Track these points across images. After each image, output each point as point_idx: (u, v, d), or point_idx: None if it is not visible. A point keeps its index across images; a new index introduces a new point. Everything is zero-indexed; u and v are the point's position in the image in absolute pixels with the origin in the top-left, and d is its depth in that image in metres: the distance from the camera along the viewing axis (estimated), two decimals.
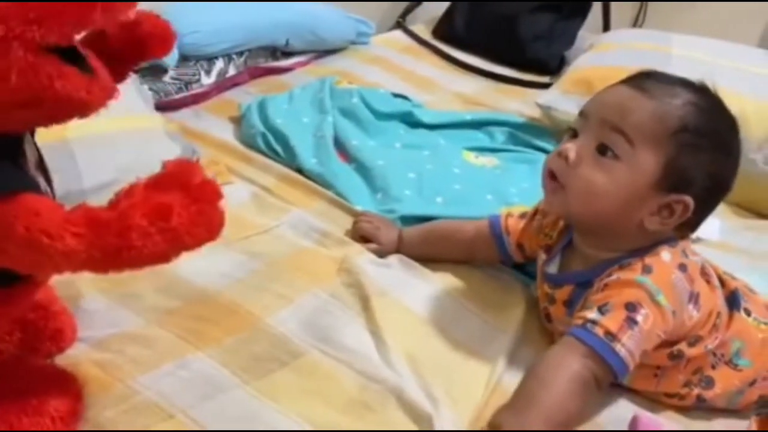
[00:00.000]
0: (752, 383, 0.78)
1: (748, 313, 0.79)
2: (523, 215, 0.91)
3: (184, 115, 1.21)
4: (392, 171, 1.11)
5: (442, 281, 0.90)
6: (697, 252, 0.81)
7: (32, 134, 0.62)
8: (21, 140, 0.58)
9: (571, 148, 0.76)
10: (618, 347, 0.69)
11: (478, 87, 1.56)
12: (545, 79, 1.62)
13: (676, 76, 0.82)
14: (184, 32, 1.20)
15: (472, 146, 1.26)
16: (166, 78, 1.22)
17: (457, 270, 0.93)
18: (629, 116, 0.74)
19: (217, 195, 0.54)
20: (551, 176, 0.77)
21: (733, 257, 1.02)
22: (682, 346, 0.75)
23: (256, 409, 0.68)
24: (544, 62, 1.70)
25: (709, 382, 0.77)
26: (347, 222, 1.00)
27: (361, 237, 0.96)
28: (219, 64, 1.31)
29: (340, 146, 1.17)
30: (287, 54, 1.47)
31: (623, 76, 1.36)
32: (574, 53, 1.61)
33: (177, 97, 1.23)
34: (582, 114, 0.79)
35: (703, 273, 0.79)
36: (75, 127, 0.89)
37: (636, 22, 2.17)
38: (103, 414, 0.65)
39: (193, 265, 0.84)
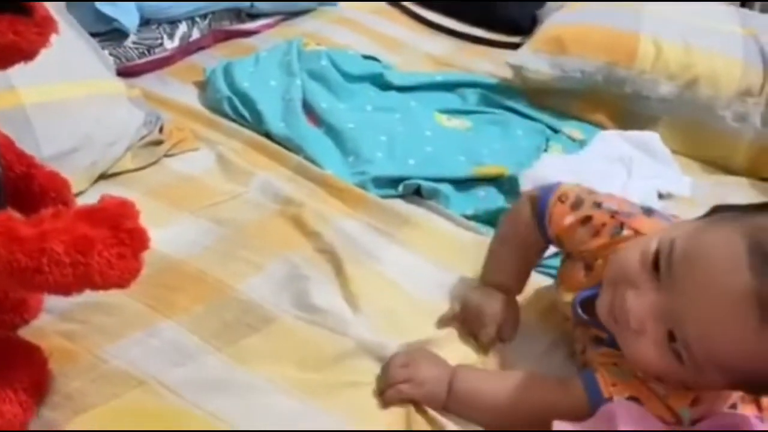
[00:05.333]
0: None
1: None
2: (575, 206, 0.73)
3: (148, 80, 1.17)
4: (363, 134, 1.10)
5: (416, 245, 0.90)
6: None
7: None
8: None
9: (638, 314, 0.59)
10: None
11: (448, 48, 1.54)
12: (517, 39, 1.60)
13: None
14: None
15: (443, 108, 1.25)
16: (128, 43, 1.18)
17: (432, 233, 0.92)
18: (713, 340, 0.56)
19: (144, 245, 0.53)
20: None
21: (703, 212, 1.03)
22: None
23: (227, 374, 0.68)
24: (515, 22, 1.68)
25: None
26: (316, 186, 0.98)
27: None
28: (182, 27, 1.27)
29: (309, 109, 1.15)
30: (253, 16, 1.43)
31: (595, 34, 1.34)
32: (546, 12, 1.60)
33: (139, 62, 1.19)
34: (666, 258, 0.59)
35: None
36: (32, 93, 0.88)
37: None
38: (71, 384, 0.64)
39: (160, 234, 0.81)
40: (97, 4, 1.11)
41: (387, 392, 0.66)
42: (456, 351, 0.74)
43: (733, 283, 0.54)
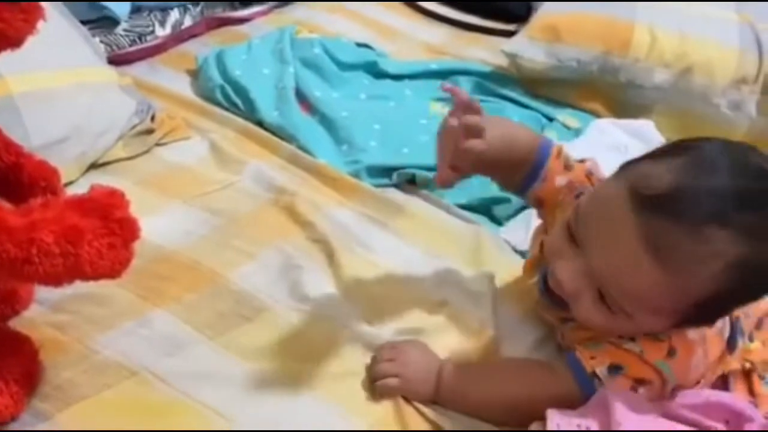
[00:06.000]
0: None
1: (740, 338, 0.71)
2: (568, 168, 0.73)
3: (139, 68, 1.16)
4: (357, 122, 1.09)
5: (410, 234, 0.89)
6: None
7: None
8: None
9: (566, 280, 0.63)
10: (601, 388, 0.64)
11: (443, 36, 1.53)
12: (512, 27, 1.59)
13: (708, 181, 0.57)
14: None
15: (438, 96, 1.24)
16: (119, 30, 1.17)
17: (426, 222, 0.92)
18: (626, 287, 0.59)
19: (134, 235, 0.53)
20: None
21: None
22: None
23: (220, 365, 0.67)
24: (510, 9, 1.67)
25: None
26: (310, 175, 0.97)
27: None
28: (174, 14, 1.26)
29: (303, 98, 1.14)
30: (245, 3, 1.42)
31: (589, 22, 1.33)
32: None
33: (131, 49, 1.18)
34: (576, 222, 0.63)
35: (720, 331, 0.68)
36: (20, 82, 0.87)
37: None
38: (62, 375, 0.64)
39: (152, 223, 0.81)
40: None
41: (376, 386, 0.66)
42: (447, 339, 0.74)
43: (621, 230, 0.58)
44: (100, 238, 0.51)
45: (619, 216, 0.59)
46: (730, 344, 0.70)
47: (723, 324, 0.69)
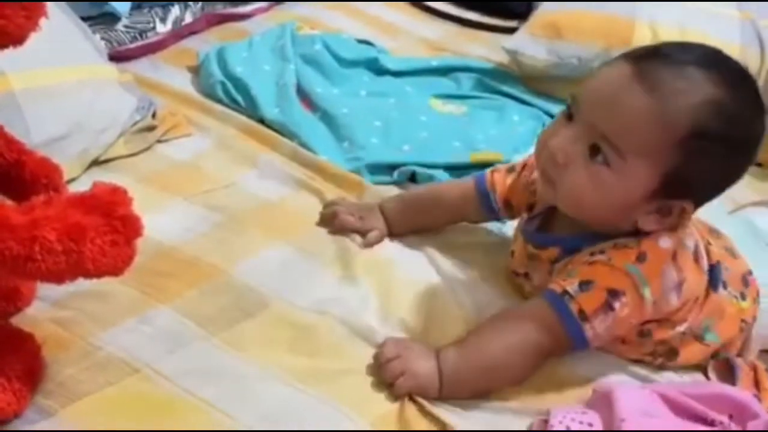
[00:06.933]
0: (714, 355, 0.75)
1: (724, 286, 0.74)
2: (511, 169, 0.84)
3: (140, 65, 1.16)
4: (357, 119, 1.09)
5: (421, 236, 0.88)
6: (695, 224, 0.73)
7: None
8: None
9: (559, 146, 0.66)
10: (587, 328, 0.67)
11: (443, 32, 1.53)
12: (512, 24, 1.59)
13: (696, 47, 0.67)
14: None
15: (439, 93, 1.23)
16: (119, 27, 1.17)
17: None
18: (619, 119, 0.63)
19: (137, 232, 0.53)
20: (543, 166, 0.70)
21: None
22: (652, 326, 0.71)
23: (222, 361, 0.67)
24: (511, 6, 1.67)
25: (674, 353, 0.73)
26: (311, 172, 0.97)
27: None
28: (175, 11, 1.26)
29: (304, 94, 1.14)
30: None
31: (590, 18, 1.33)
32: None
33: (131, 46, 1.18)
34: (574, 99, 0.68)
35: (696, 255, 0.71)
36: (21, 78, 0.87)
37: None
38: (65, 372, 0.64)
39: (154, 220, 0.81)
40: None
41: (393, 389, 0.66)
42: (450, 330, 0.73)
43: (618, 73, 0.65)
44: (102, 236, 0.51)
45: (615, 66, 0.66)
46: (712, 281, 0.72)
47: (696, 247, 0.71)
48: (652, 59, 0.65)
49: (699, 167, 0.64)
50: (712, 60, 0.65)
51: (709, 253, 0.74)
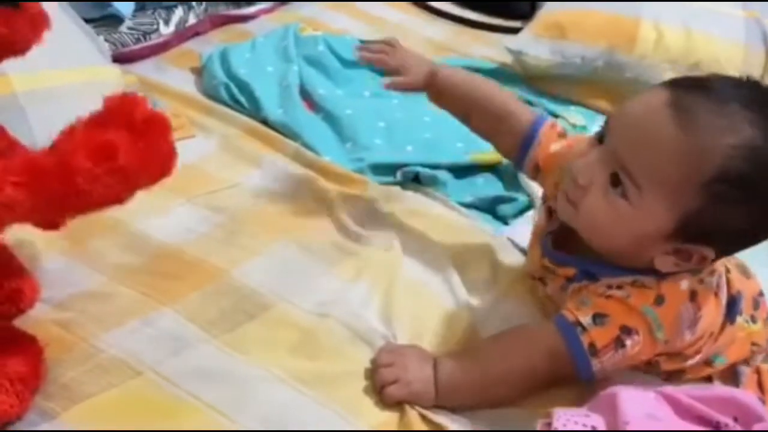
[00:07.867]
0: (721, 373, 0.73)
1: (740, 313, 0.71)
2: (562, 135, 0.77)
3: (143, 66, 1.16)
4: (361, 120, 1.09)
5: (414, 232, 0.89)
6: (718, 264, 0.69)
7: None
8: None
9: (583, 168, 0.64)
10: (595, 363, 0.65)
11: (447, 33, 1.53)
12: (516, 24, 1.59)
13: (749, 84, 0.63)
14: None
15: None
16: (123, 28, 1.17)
17: (430, 220, 0.92)
18: (643, 151, 0.60)
19: (165, 127, 0.51)
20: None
21: None
22: (661, 359, 0.70)
23: (224, 363, 0.67)
24: (514, 6, 1.67)
25: (682, 372, 0.72)
26: (315, 173, 0.97)
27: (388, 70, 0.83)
28: (178, 12, 1.26)
29: (307, 95, 1.14)
30: (249, 1, 1.41)
31: (594, 18, 1.32)
32: None
33: (135, 48, 1.18)
34: (607, 121, 0.66)
35: (717, 288, 0.68)
36: (24, 80, 0.87)
37: None
38: (67, 374, 0.64)
39: (156, 222, 0.82)
40: None
41: (381, 396, 0.66)
42: (451, 333, 0.73)
43: (654, 100, 0.61)
44: (135, 144, 0.49)
45: (652, 95, 0.62)
46: (730, 313, 0.69)
47: (718, 281, 0.68)
48: (694, 90, 0.61)
49: (720, 214, 0.60)
50: (760, 100, 0.60)
51: (729, 282, 0.71)
